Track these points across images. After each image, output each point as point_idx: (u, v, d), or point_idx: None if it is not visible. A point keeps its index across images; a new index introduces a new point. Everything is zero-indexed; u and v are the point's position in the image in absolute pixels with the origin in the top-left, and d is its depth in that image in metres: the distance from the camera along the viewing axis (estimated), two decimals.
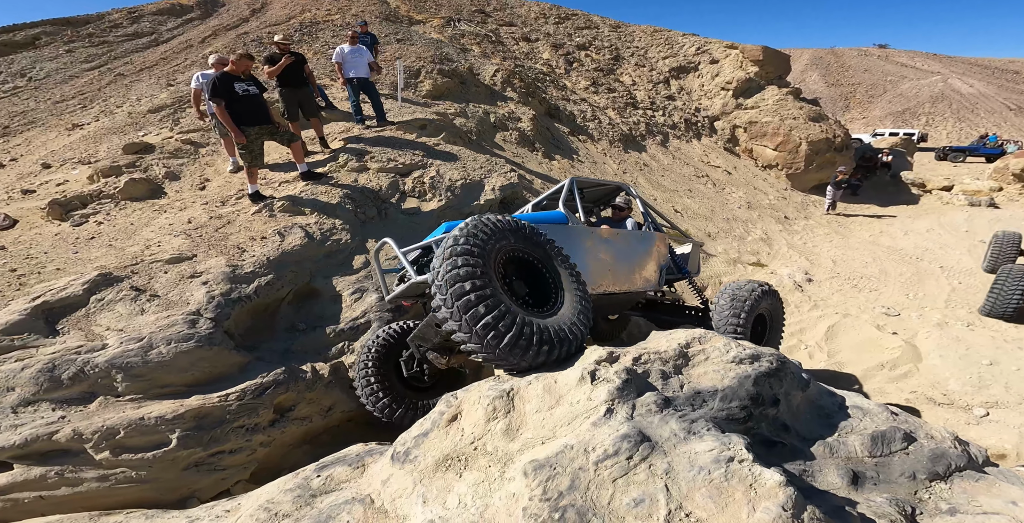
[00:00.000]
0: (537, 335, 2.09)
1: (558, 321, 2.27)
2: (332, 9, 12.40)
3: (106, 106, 8.79)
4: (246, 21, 12.37)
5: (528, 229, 2.42)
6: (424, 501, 1.79)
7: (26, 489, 2.37)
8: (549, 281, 2.46)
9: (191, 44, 11.75)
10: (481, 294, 1.98)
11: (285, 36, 5.32)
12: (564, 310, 2.37)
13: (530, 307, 2.29)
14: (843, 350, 5.92)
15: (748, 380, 2.33)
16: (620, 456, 1.67)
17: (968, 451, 2.49)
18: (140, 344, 2.62)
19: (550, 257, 2.45)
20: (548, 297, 2.41)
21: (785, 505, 1.49)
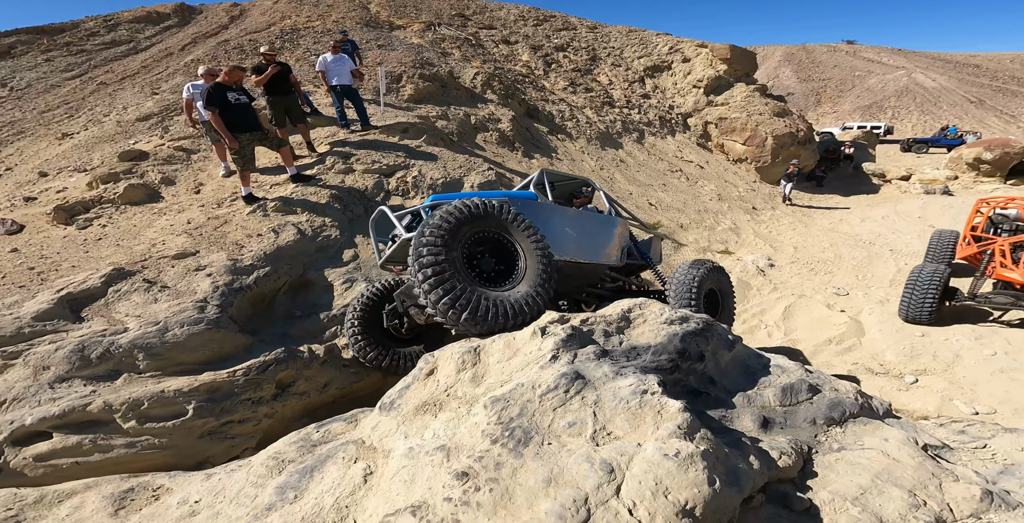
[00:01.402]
0: (493, 309, 2.55)
1: (517, 294, 2.71)
2: (312, 15, 12.68)
3: (93, 115, 9.01)
4: (225, 28, 12.58)
5: (497, 209, 2.83)
6: (405, 436, 2.21)
7: (64, 456, 2.74)
8: (515, 256, 2.89)
9: (171, 52, 11.93)
10: (440, 278, 2.45)
11: (271, 47, 5.68)
12: (525, 283, 2.81)
13: (492, 282, 2.72)
14: (798, 328, 6.47)
15: (676, 337, 2.79)
16: (559, 390, 2.11)
17: (869, 403, 2.98)
18: (157, 327, 3.00)
19: (517, 234, 2.87)
20: (512, 271, 2.85)
21: (680, 425, 1.92)
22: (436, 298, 2.48)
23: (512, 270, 2.87)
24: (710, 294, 4.43)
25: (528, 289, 2.79)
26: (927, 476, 2.14)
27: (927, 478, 2.13)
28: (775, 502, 2.05)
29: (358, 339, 3.27)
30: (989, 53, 41.80)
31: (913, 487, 2.08)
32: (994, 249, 5.76)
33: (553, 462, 1.79)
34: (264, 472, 2.40)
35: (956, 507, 1.98)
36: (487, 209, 2.74)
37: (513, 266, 2.87)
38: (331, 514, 1.96)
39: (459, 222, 2.61)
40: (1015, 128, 28.70)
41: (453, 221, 2.59)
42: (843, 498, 2.02)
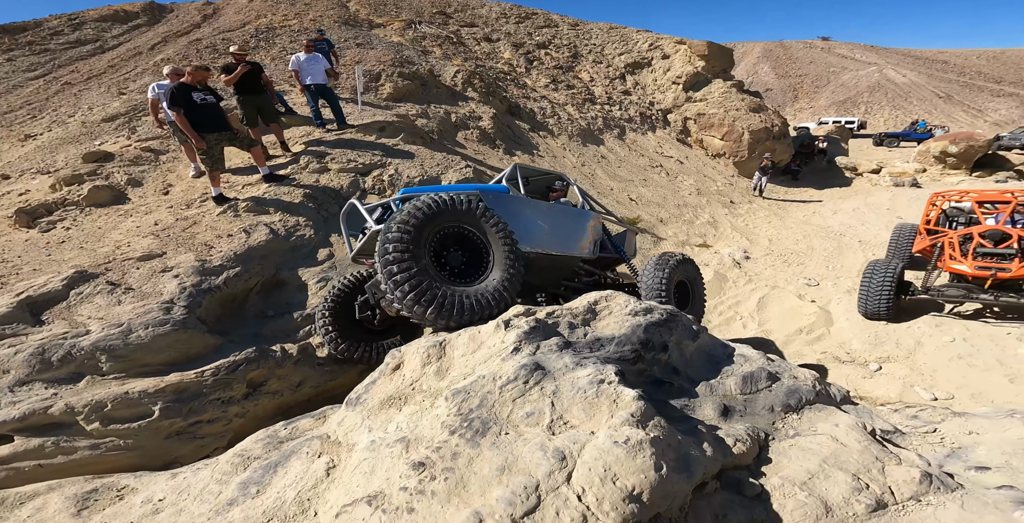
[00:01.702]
0: (459, 304, 2.58)
1: (484, 289, 2.75)
2: (289, 14, 12.49)
3: (57, 116, 8.76)
4: (198, 27, 12.32)
5: (464, 204, 2.84)
6: (369, 430, 2.24)
7: (26, 458, 2.70)
8: (483, 251, 2.92)
9: (140, 51, 11.64)
10: (406, 274, 2.48)
11: (241, 47, 5.61)
12: (492, 278, 2.84)
13: (460, 276, 2.76)
14: (771, 319, 6.63)
15: (640, 328, 2.85)
16: (519, 381, 2.15)
17: (827, 390, 3.05)
18: (120, 329, 2.96)
19: (485, 229, 2.90)
20: (480, 266, 2.88)
21: (634, 413, 1.97)
22: (401, 294, 2.51)
23: (480, 265, 2.90)
24: (680, 286, 4.53)
25: (495, 283, 2.83)
26: (871, 460, 2.22)
27: (871, 462, 2.20)
28: (729, 488, 2.09)
29: (329, 331, 3.27)
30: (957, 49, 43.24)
31: (857, 471, 2.14)
32: (944, 242, 5.85)
33: (508, 451, 1.83)
34: (229, 469, 2.40)
35: (897, 490, 2.02)
36: (454, 204, 2.76)
37: (481, 261, 2.90)
38: (292, 507, 1.98)
39: (425, 218, 2.64)
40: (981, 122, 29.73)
41: (419, 217, 2.61)
42: (792, 483, 2.06)
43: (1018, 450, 2.45)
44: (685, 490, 1.86)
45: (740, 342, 6.77)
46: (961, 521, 1.87)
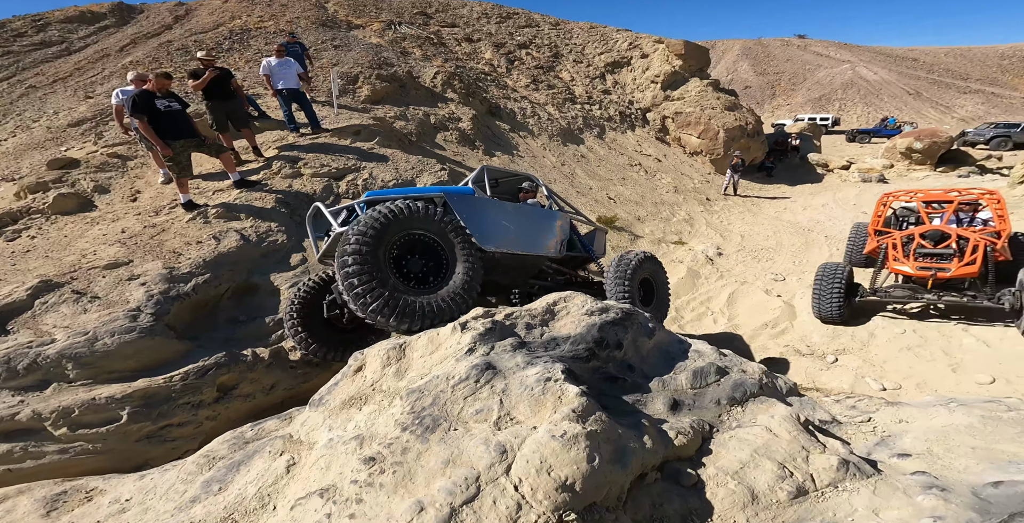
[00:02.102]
0: (417, 310, 2.69)
1: (441, 294, 2.85)
2: (264, 15, 12.36)
3: (21, 120, 8.58)
4: (169, 29, 12.11)
5: (423, 212, 2.94)
6: (330, 429, 2.34)
7: None
8: (442, 257, 3.03)
9: (108, 53, 11.41)
10: (364, 287, 2.59)
11: (208, 52, 5.60)
12: (452, 282, 2.95)
13: (419, 282, 2.86)
14: (740, 314, 6.87)
15: (594, 327, 2.99)
16: (470, 380, 2.27)
17: (774, 383, 3.18)
18: (86, 337, 3.01)
19: (443, 234, 3.00)
20: (440, 271, 2.99)
21: (575, 409, 2.08)
22: (361, 304, 2.61)
23: (439, 269, 3.01)
24: (645, 283, 4.69)
25: (454, 288, 2.94)
26: (797, 449, 2.34)
27: (797, 451, 2.32)
28: (669, 478, 2.19)
29: (299, 331, 3.32)
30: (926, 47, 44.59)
31: (784, 460, 2.25)
32: (888, 243, 5.85)
33: (455, 446, 1.96)
34: (195, 469, 2.48)
35: (817, 477, 2.12)
36: (410, 212, 2.86)
37: (440, 265, 3.01)
38: (253, 502, 2.08)
39: (382, 228, 2.72)
40: (949, 118, 30.77)
41: (376, 227, 2.70)
42: (725, 473, 2.16)
43: (940, 437, 2.60)
44: (620, 481, 1.98)
45: (710, 337, 7.00)
46: (871, 506, 2.02)
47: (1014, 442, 2.37)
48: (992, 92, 33.33)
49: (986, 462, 2.26)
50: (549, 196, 5.12)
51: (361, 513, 1.72)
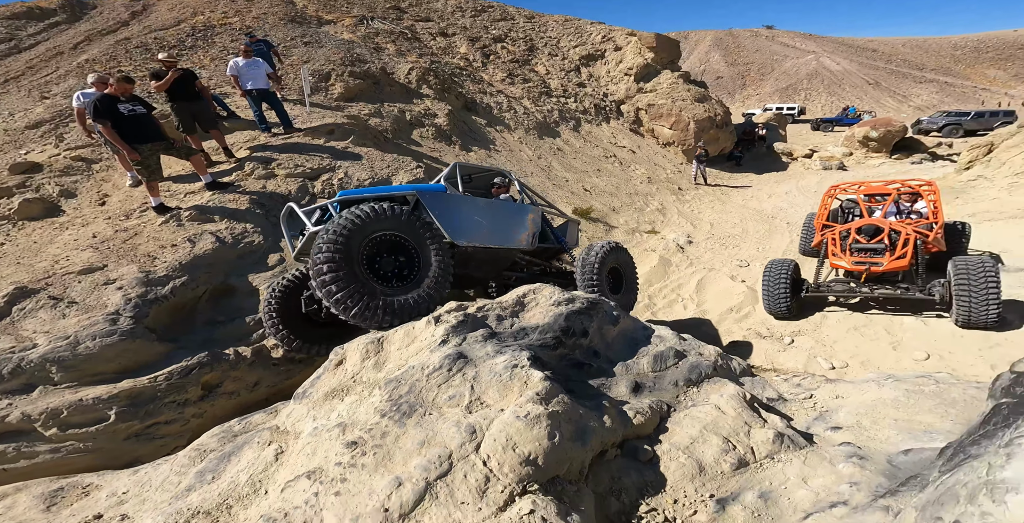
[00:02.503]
0: (390, 308, 2.86)
1: (412, 292, 3.02)
2: (229, 11, 12.02)
3: None
4: (126, 25, 11.66)
5: (393, 214, 3.08)
6: (314, 419, 2.50)
7: None
8: (414, 255, 3.19)
9: (61, 51, 10.94)
10: (337, 285, 2.73)
11: (169, 55, 5.53)
12: (422, 280, 3.12)
13: (392, 280, 3.02)
14: (708, 300, 7.22)
15: (561, 317, 3.20)
16: (443, 369, 2.46)
17: (728, 364, 3.42)
18: (67, 341, 3.07)
19: (413, 234, 3.15)
20: (412, 268, 3.15)
21: (539, 392, 2.28)
22: (336, 304, 2.76)
23: (411, 267, 3.17)
24: (613, 272, 4.93)
25: (426, 285, 3.11)
26: (741, 425, 2.57)
27: (740, 426, 2.55)
28: (628, 455, 2.39)
29: (279, 328, 3.42)
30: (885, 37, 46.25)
31: (728, 435, 2.47)
32: (828, 238, 5.89)
33: (430, 428, 2.15)
34: (187, 462, 2.61)
35: (756, 449, 2.37)
36: (379, 214, 3.00)
37: (412, 263, 3.17)
38: (245, 488, 2.23)
39: (352, 232, 2.86)
40: (906, 107, 32.16)
41: (346, 233, 2.83)
42: (677, 448, 2.37)
43: (868, 411, 2.88)
44: (581, 457, 2.18)
45: (681, 323, 7.33)
46: (800, 474, 2.28)
47: (931, 413, 2.65)
48: (945, 81, 34.96)
49: (905, 432, 2.53)
50: (521, 190, 5.30)
51: (345, 490, 1.91)
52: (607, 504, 2.21)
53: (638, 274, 8.24)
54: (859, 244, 5.65)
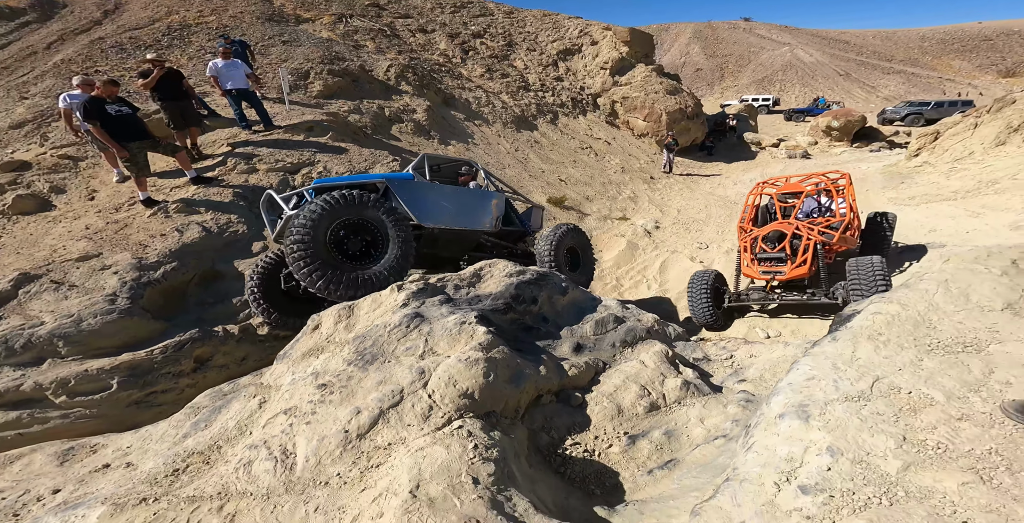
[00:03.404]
0: (355, 282, 3.29)
1: (376, 268, 3.45)
2: (205, 10, 12.14)
3: None
4: (98, 24, 11.73)
5: (359, 200, 3.49)
6: (293, 373, 2.93)
7: (6, 429, 3.19)
8: (379, 237, 3.61)
9: (35, 51, 11.02)
10: (306, 261, 3.16)
11: (158, 55, 5.82)
12: (387, 257, 3.55)
13: (359, 259, 3.44)
14: (670, 280, 7.74)
15: (511, 286, 3.65)
16: (402, 326, 2.90)
17: (664, 329, 3.90)
18: (72, 319, 3.44)
19: (378, 218, 3.58)
20: (377, 248, 3.58)
21: (482, 342, 2.73)
22: (308, 281, 3.21)
23: (376, 247, 3.60)
24: (571, 251, 5.39)
25: (389, 262, 3.54)
26: (657, 375, 3.02)
27: (656, 377, 3.00)
28: (563, 401, 2.82)
29: (261, 303, 3.84)
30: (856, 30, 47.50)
31: (645, 383, 2.92)
32: (741, 244, 5.74)
33: (387, 371, 2.59)
34: (183, 418, 3.02)
35: (667, 396, 2.83)
36: (345, 201, 3.42)
37: (377, 244, 3.59)
38: (233, 431, 2.65)
39: (320, 218, 3.28)
40: (875, 97, 33.17)
41: (315, 218, 3.26)
42: (603, 395, 2.83)
43: (771, 366, 3.36)
44: (516, 396, 2.62)
45: (645, 301, 7.83)
46: (699, 415, 2.74)
47: None
48: (912, 72, 36.03)
49: None
50: (487, 178, 5.72)
51: (315, 420, 2.34)
52: (539, 438, 2.67)
53: (608, 258, 8.76)
54: (764, 253, 5.55)
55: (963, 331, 1.66)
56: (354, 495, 1.87)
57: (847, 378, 1.53)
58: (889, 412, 1.32)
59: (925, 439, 1.22)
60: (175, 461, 2.51)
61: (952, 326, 1.70)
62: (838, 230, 5.44)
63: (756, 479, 1.35)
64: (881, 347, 1.65)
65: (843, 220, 5.61)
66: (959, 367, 1.44)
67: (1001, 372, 1.40)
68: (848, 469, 1.18)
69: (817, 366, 1.69)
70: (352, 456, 2.10)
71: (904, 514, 1.03)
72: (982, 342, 1.57)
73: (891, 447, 1.21)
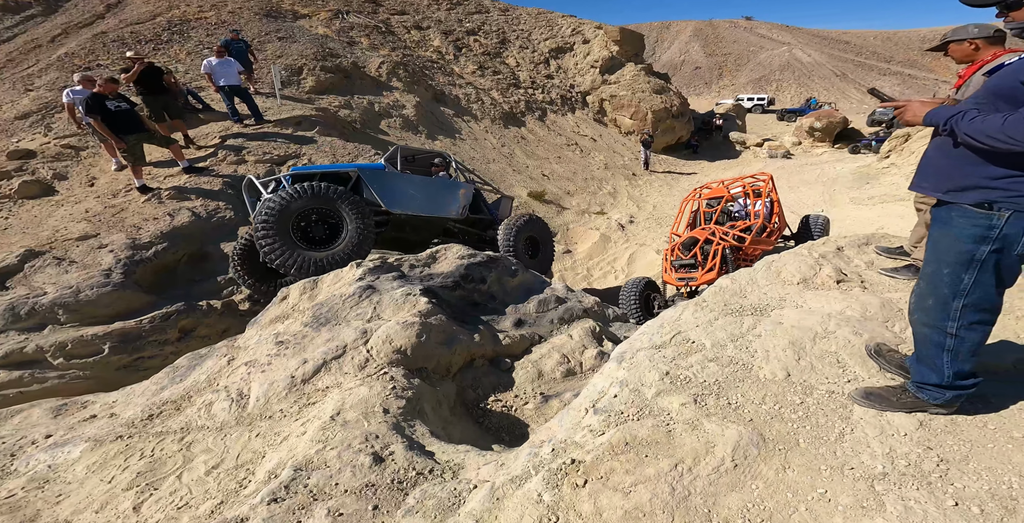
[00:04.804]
0: (314, 263, 3.75)
1: (335, 251, 3.91)
2: (204, 5, 12.54)
3: None
4: (101, 18, 12.15)
5: (323, 191, 3.95)
6: (260, 336, 3.38)
7: (10, 387, 3.67)
8: (340, 224, 4.06)
9: (39, 44, 11.44)
10: (267, 241, 3.64)
11: (136, 52, 6.28)
12: (346, 244, 4.00)
13: (320, 243, 3.90)
14: (637, 271, 8.18)
15: (461, 267, 4.09)
16: (355, 296, 3.35)
17: (604, 311, 4.34)
18: (71, 290, 3.91)
19: (339, 208, 4.03)
20: (337, 234, 4.03)
21: (421, 310, 3.17)
22: (270, 259, 3.70)
23: (337, 233, 4.04)
24: (531, 239, 5.82)
25: (343, 247, 3.99)
26: (579, 347, 3.44)
27: (578, 348, 3.42)
28: (494, 366, 3.27)
29: (241, 273, 4.34)
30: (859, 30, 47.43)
31: (567, 353, 3.34)
32: (665, 252, 5.87)
33: (336, 332, 3.04)
34: (162, 376, 3.47)
35: (584, 363, 3.25)
36: (305, 192, 3.86)
37: (336, 230, 4.04)
38: (203, 384, 3.10)
39: (283, 206, 3.73)
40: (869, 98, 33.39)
41: (276, 207, 3.71)
42: (529, 362, 3.26)
43: None
44: (447, 357, 3.04)
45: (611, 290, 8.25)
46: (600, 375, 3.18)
47: None
48: (909, 74, 36.18)
49: None
50: (458, 169, 6.14)
51: (269, 369, 2.80)
52: (466, 394, 3.11)
53: (582, 250, 9.17)
54: (679, 260, 5.75)
55: (762, 299, 2.09)
56: (290, 424, 2.32)
57: (660, 333, 1.96)
58: (670, 355, 1.75)
59: (680, 374, 1.64)
60: (151, 409, 2.97)
61: (757, 295, 2.12)
62: (751, 233, 5.62)
63: (577, 406, 1.79)
64: (699, 311, 2.07)
65: (755, 223, 5.79)
66: (735, 324, 1.86)
67: (760, 327, 1.83)
68: (626, 396, 1.61)
69: (650, 325, 2.13)
70: (295, 396, 2.55)
71: (639, 425, 1.47)
72: (768, 307, 2.00)
73: (655, 379, 1.64)
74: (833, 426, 1.43)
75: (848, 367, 1.68)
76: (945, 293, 1.25)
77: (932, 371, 1.37)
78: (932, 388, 1.40)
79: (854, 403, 1.52)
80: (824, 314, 1.93)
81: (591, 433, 1.59)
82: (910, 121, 1.27)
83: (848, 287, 2.23)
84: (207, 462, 2.23)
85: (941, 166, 1.26)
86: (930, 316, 1.30)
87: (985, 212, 1.16)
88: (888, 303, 2.04)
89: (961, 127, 1.14)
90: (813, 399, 1.55)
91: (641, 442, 1.44)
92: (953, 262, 1.22)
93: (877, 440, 1.35)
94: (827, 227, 6.45)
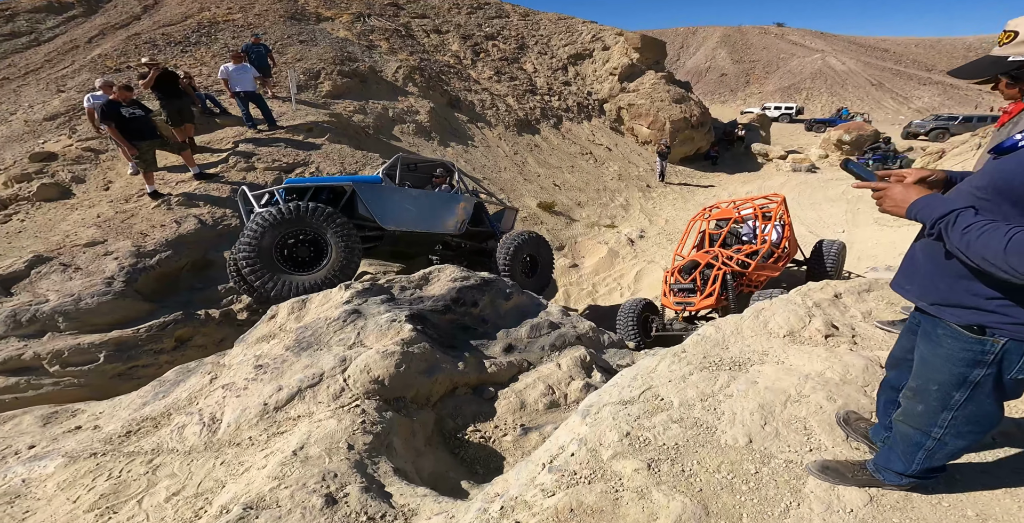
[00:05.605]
0: (295, 287, 3.74)
1: (319, 275, 3.88)
2: (234, 7, 12.86)
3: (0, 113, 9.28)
4: (137, 19, 12.59)
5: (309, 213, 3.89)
6: (244, 355, 3.39)
7: (5, 393, 3.77)
8: (324, 247, 4.03)
9: (77, 45, 11.89)
10: (251, 270, 3.63)
11: (151, 57, 6.45)
12: (329, 266, 3.97)
13: (303, 266, 3.88)
14: (643, 289, 7.99)
15: (453, 290, 4.03)
16: (340, 320, 3.32)
17: (599, 337, 4.22)
18: (72, 298, 4.00)
19: (323, 229, 3.99)
20: (321, 256, 4.00)
21: (404, 338, 3.11)
22: (251, 281, 3.70)
23: (321, 255, 4.02)
24: (531, 258, 5.72)
25: (326, 271, 3.94)
26: (566, 377, 3.33)
27: (565, 378, 3.31)
28: (477, 394, 3.20)
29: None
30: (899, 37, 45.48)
31: (552, 384, 3.24)
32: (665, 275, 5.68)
33: (316, 358, 3.01)
34: (149, 389, 3.52)
35: (569, 395, 3.16)
36: (296, 214, 3.85)
37: (322, 252, 4.02)
38: (184, 402, 3.12)
39: (264, 230, 3.72)
40: (906, 109, 31.93)
41: (258, 230, 3.70)
42: (513, 391, 3.17)
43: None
44: (427, 387, 2.98)
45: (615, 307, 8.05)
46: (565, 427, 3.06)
47: None
48: (950, 84, 34.51)
49: None
50: (461, 180, 6.09)
51: (245, 394, 2.78)
52: (444, 423, 3.04)
53: (588, 265, 9.03)
54: (678, 284, 5.58)
55: (743, 352, 1.96)
56: (256, 453, 2.30)
57: (631, 386, 1.86)
58: (635, 413, 1.65)
59: (640, 435, 1.54)
60: (130, 425, 2.99)
61: (739, 348, 1.99)
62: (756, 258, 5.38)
63: (536, 460, 1.70)
64: (675, 362, 1.96)
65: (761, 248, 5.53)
66: (709, 381, 1.74)
67: (733, 385, 1.71)
68: (583, 455, 1.52)
69: (623, 376, 2.02)
70: (266, 424, 2.53)
71: (588, 490, 1.37)
72: (748, 362, 1.87)
73: (615, 440, 1.54)
74: (781, 499, 1.34)
75: (814, 435, 1.57)
76: (934, 406, 1.12)
77: (900, 460, 1.26)
78: (893, 474, 1.29)
79: (809, 475, 1.43)
80: (802, 375, 1.80)
81: (542, 493, 1.51)
82: (890, 211, 1.06)
83: (836, 343, 2.09)
84: (169, 488, 2.22)
85: (928, 271, 1.09)
86: (917, 421, 1.17)
87: (978, 337, 1.00)
88: (872, 364, 1.90)
89: (952, 238, 0.93)
90: (768, 469, 1.45)
91: (586, 509, 1.37)
92: (944, 382, 1.09)
93: (820, 517, 1.28)
94: (842, 254, 6.12)
